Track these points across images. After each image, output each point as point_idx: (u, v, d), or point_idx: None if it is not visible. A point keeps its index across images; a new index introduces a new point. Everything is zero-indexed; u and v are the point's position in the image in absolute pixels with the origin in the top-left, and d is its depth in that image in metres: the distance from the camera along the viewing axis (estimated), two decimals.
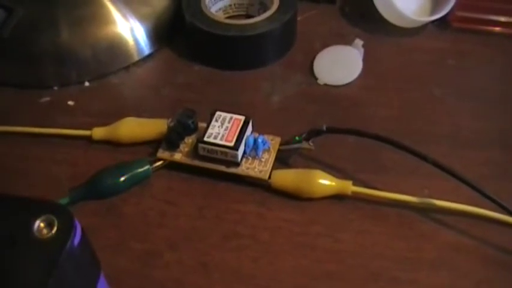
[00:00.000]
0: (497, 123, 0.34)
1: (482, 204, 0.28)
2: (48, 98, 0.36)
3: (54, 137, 0.33)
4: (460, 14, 0.40)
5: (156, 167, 0.31)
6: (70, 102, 0.36)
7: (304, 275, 0.27)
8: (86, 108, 0.36)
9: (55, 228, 0.18)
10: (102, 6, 0.38)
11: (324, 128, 0.30)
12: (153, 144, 0.32)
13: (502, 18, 0.40)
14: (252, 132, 0.31)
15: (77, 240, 0.18)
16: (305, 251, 0.28)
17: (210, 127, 0.30)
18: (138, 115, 0.33)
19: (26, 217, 0.18)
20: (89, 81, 0.37)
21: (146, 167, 0.31)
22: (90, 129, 0.33)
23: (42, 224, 0.18)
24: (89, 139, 0.33)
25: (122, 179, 0.30)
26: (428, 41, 0.40)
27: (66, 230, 0.18)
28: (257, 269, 0.27)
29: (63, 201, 0.30)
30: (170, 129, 0.31)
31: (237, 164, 0.30)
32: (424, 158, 0.28)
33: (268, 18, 0.36)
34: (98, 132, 0.33)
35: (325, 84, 0.36)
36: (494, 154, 0.32)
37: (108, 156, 0.32)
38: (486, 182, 0.29)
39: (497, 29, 0.40)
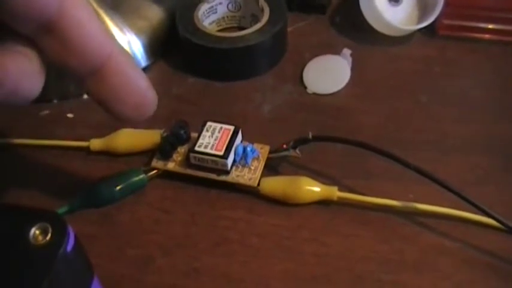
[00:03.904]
0: (482, 129, 0.35)
1: (464, 207, 0.29)
2: (47, 111, 0.37)
3: (54, 149, 0.35)
4: (446, 22, 0.41)
5: (150, 176, 0.32)
6: (69, 115, 0.37)
7: (292, 279, 0.28)
8: (85, 120, 0.37)
9: (49, 235, 0.19)
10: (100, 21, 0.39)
11: (310, 136, 0.31)
12: (148, 154, 0.33)
13: (490, 25, 0.41)
14: (241, 141, 0.32)
15: (70, 246, 0.19)
16: (292, 255, 0.29)
17: (201, 137, 0.31)
18: (134, 126, 0.35)
19: (23, 225, 0.19)
20: (87, 93, 0.38)
21: (141, 176, 0.32)
22: (88, 140, 0.34)
23: (37, 231, 0.19)
24: (86, 150, 0.34)
25: (118, 188, 0.31)
26: (416, 49, 0.41)
27: (60, 236, 0.19)
28: (246, 273, 0.28)
29: (62, 210, 0.31)
30: (164, 140, 0.32)
31: (227, 172, 0.31)
32: (406, 165, 0.29)
33: (258, 30, 0.38)
34: (96, 144, 0.34)
35: (314, 93, 0.37)
36: (479, 159, 0.33)
37: (105, 166, 0.33)
38: (470, 187, 0.30)
39: (486, 36, 0.41)
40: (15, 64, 0.19)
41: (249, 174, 0.31)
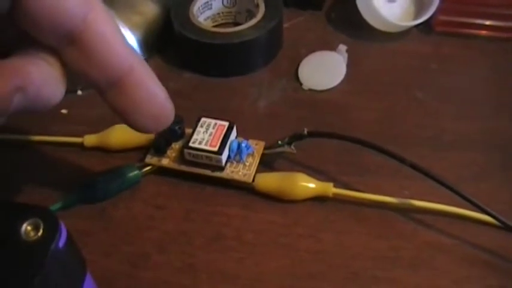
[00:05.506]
0: (479, 125, 0.35)
1: (460, 204, 0.29)
2: None
3: (48, 144, 0.34)
4: (442, 18, 0.41)
5: (144, 172, 0.32)
6: (63, 111, 0.37)
7: (287, 275, 0.28)
8: (79, 116, 0.36)
9: (41, 231, 0.19)
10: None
11: (305, 132, 0.31)
12: (142, 150, 0.33)
13: (486, 22, 0.41)
14: (236, 137, 0.32)
15: (62, 242, 0.19)
16: (288, 252, 0.29)
17: (195, 133, 0.31)
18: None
19: (14, 220, 0.19)
20: (81, 90, 0.38)
21: (135, 172, 0.32)
22: (82, 136, 0.34)
23: (29, 227, 0.19)
24: (81, 146, 0.34)
25: (113, 184, 0.31)
26: (412, 46, 0.41)
27: (52, 232, 0.19)
28: (242, 269, 0.28)
29: (56, 206, 0.31)
30: (158, 136, 0.32)
31: (222, 168, 0.31)
32: (402, 161, 0.29)
33: (253, 26, 0.37)
34: (90, 140, 0.34)
35: (310, 89, 0.37)
36: (475, 155, 0.33)
37: (99, 162, 0.33)
38: (466, 183, 0.30)
39: (483, 32, 0.41)
40: (39, 71, 0.20)
41: (243, 170, 0.31)
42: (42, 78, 0.20)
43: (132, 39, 0.39)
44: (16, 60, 0.19)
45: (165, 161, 0.32)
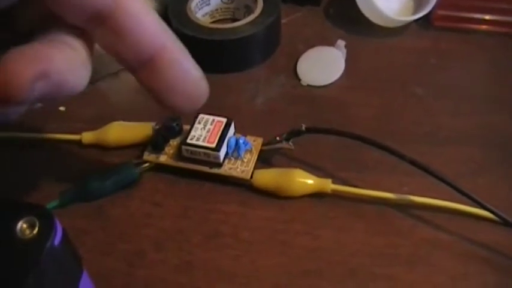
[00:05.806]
0: (477, 121, 0.34)
1: (459, 200, 0.29)
2: (40, 104, 0.37)
3: (46, 142, 0.34)
4: (441, 12, 0.41)
5: (142, 169, 0.32)
6: (61, 108, 0.37)
7: (284, 273, 0.28)
8: (77, 113, 0.36)
9: (36, 229, 0.19)
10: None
11: (303, 128, 0.31)
12: (140, 147, 0.33)
13: (486, 16, 0.41)
14: (234, 134, 0.32)
15: (57, 240, 0.19)
16: (285, 249, 0.28)
17: (193, 129, 0.31)
18: (127, 119, 0.34)
19: (10, 218, 0.19)
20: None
21: (133, 170, 0.32)
22: (80, 133, 0.34)
23: (24, 225, 0.19)
24: (78, 143, 0.34)
25: (110, 181, 0.31)
26: (411, 41, 0.40)
27: (47, 230, 0.19)
28: (238, 267, 0.28)
29: (53, 204, 0.30)
30: (156, 132, 0.32)
31: (220, 165, 0.31)
32: (401, 157, 0.29)
33: (251, 22, 0.37)
34: (87, 137, 0.34)
35: (308, 85, 0.37)
36: (473, 151, 0.33)
37: (97, 160, 0.33)
38: (464, 179, 0.29)
39: (482, 27, 0.41)
40: (62, 56, 0.19)
41: (241, 167, 0.31)
42: (66, 63, 0.19)
43: None
44: (38, 45, 0.18)
45: (162, 158, 0.32)
